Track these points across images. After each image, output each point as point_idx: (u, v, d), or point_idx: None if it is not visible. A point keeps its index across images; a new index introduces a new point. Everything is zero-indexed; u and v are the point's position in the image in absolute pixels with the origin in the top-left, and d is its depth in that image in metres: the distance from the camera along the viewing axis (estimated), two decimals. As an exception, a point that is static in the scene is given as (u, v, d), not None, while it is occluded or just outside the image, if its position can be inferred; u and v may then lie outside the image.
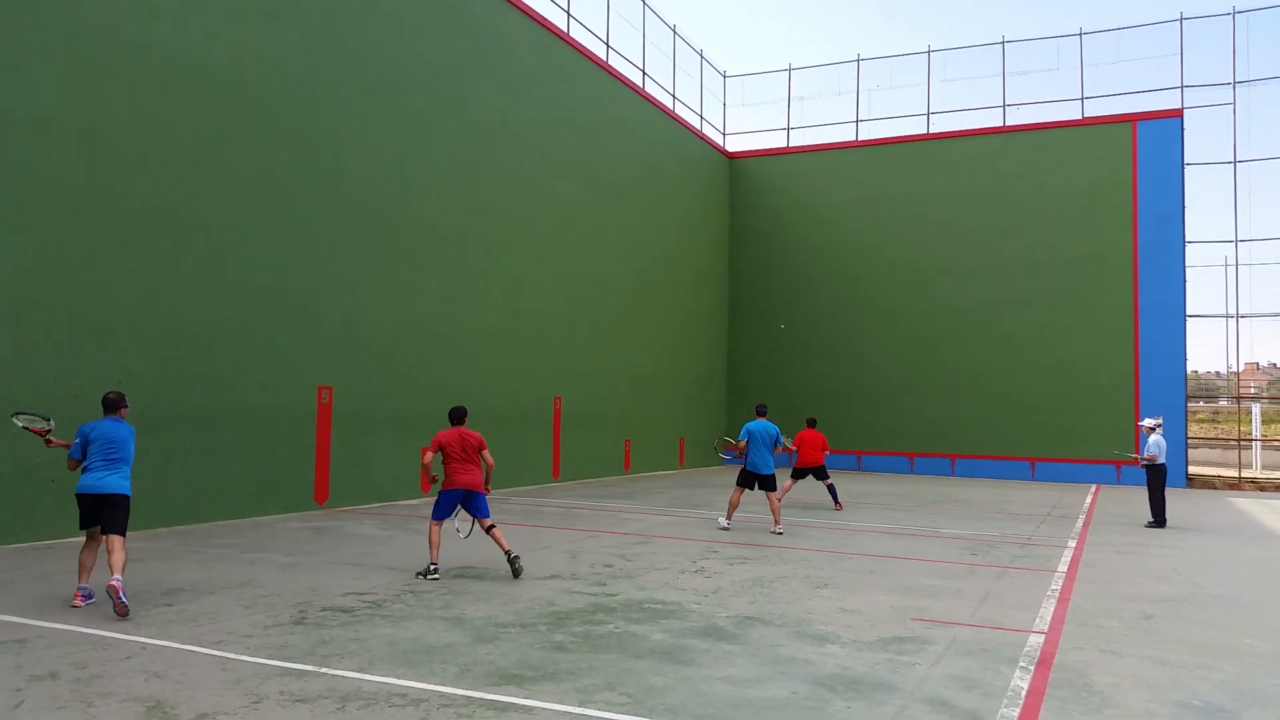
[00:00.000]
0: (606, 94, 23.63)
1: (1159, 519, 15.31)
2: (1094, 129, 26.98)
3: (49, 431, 8.06)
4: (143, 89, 11.99)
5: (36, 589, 8.07)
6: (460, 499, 9.36)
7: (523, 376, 19.87)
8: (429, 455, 9.19)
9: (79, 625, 6.77)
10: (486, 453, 9.50)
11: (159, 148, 12.19)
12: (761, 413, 13.93)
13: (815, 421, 17.64)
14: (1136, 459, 16.45)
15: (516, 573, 9.16)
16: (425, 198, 16.97)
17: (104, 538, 7.53)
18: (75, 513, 7.49)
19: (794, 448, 16.46)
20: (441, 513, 9.37)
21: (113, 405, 7.96)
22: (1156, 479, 15.38)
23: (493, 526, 9.44)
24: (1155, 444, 15.31)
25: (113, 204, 11.59)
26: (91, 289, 11.32)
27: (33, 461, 10.50)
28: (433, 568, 9.10)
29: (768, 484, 13.33)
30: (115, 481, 7.66)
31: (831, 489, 16.92)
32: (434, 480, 9.48)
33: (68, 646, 6.19)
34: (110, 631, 6.61)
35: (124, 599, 7.04)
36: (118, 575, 7.19)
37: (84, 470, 7.66)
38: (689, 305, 28.06)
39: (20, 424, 8.01)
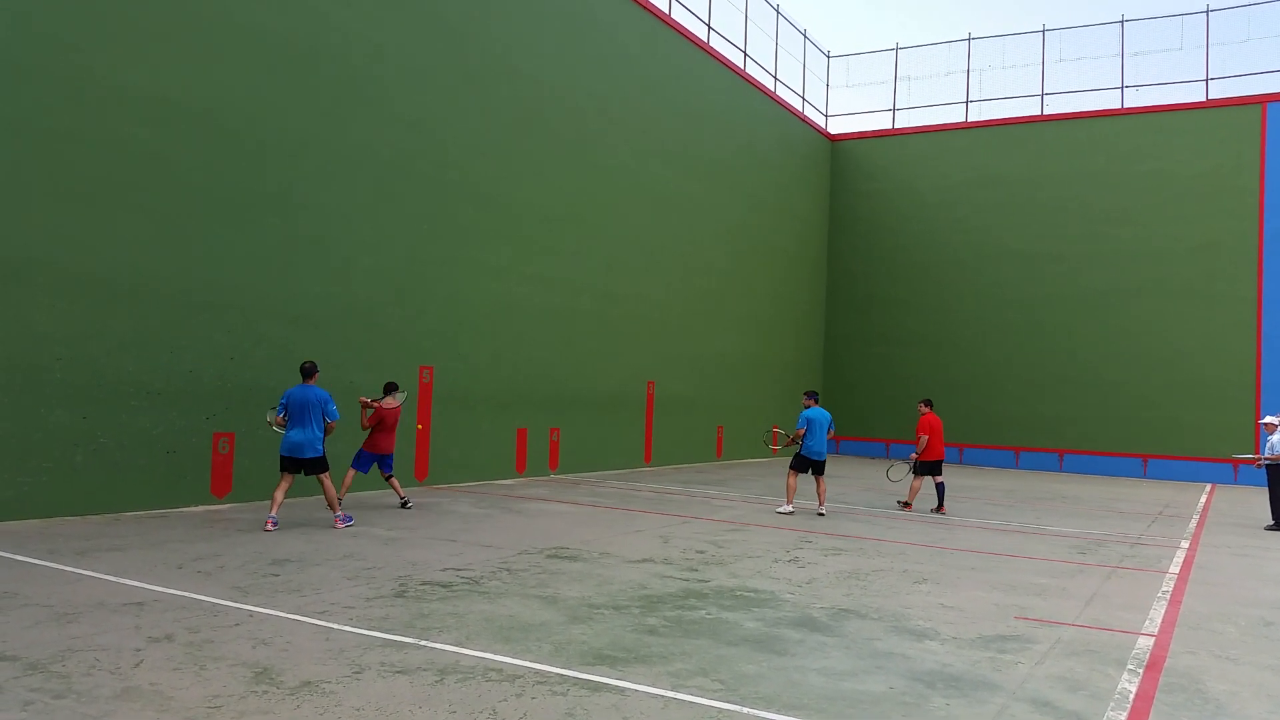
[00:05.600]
0: (705, 75, 23.43)
1: (1281, 522, 14.56)
2: (1219, 111, 25.64)
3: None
4: (254, 73, 12.37)
5: (152, 555, 8.44)
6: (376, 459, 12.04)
7: (616, 359, 19.94)
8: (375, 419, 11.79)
9: (191, 591, 7.05)
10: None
11: (269, 131, 12.57)
12: (815, 399, 14.41)
13: (932, 402, 15.60)
14: (1255, 459, 15.58)
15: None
16: (522, 181, 17.12)
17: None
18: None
19: (922, 436, 14.75)
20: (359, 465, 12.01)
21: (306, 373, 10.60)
22: (1278, 479, 14.61)
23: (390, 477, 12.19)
24: (1279, 442, 14.55)
25: (225, 185, 12.00)
26: (206, 267, 11.76)
27: (149, 434, 11.00)
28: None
29: (820, 469, 14.06)
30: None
31: (941, 488, 14.92)
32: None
33: (181, 611, 6.45)
34: (220, 599, 6.87)
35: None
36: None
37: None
38: (785, 290, 27.72)
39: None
